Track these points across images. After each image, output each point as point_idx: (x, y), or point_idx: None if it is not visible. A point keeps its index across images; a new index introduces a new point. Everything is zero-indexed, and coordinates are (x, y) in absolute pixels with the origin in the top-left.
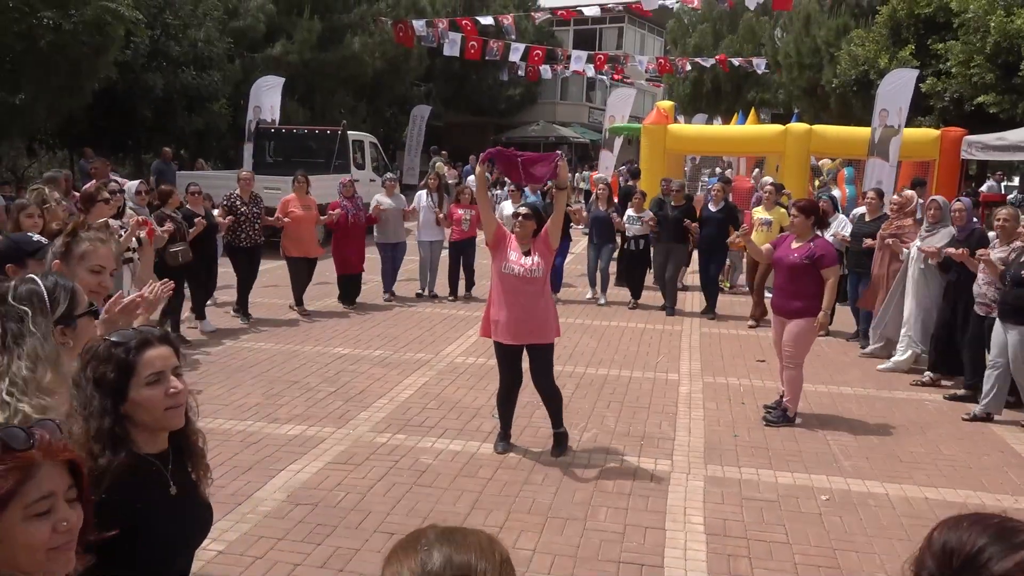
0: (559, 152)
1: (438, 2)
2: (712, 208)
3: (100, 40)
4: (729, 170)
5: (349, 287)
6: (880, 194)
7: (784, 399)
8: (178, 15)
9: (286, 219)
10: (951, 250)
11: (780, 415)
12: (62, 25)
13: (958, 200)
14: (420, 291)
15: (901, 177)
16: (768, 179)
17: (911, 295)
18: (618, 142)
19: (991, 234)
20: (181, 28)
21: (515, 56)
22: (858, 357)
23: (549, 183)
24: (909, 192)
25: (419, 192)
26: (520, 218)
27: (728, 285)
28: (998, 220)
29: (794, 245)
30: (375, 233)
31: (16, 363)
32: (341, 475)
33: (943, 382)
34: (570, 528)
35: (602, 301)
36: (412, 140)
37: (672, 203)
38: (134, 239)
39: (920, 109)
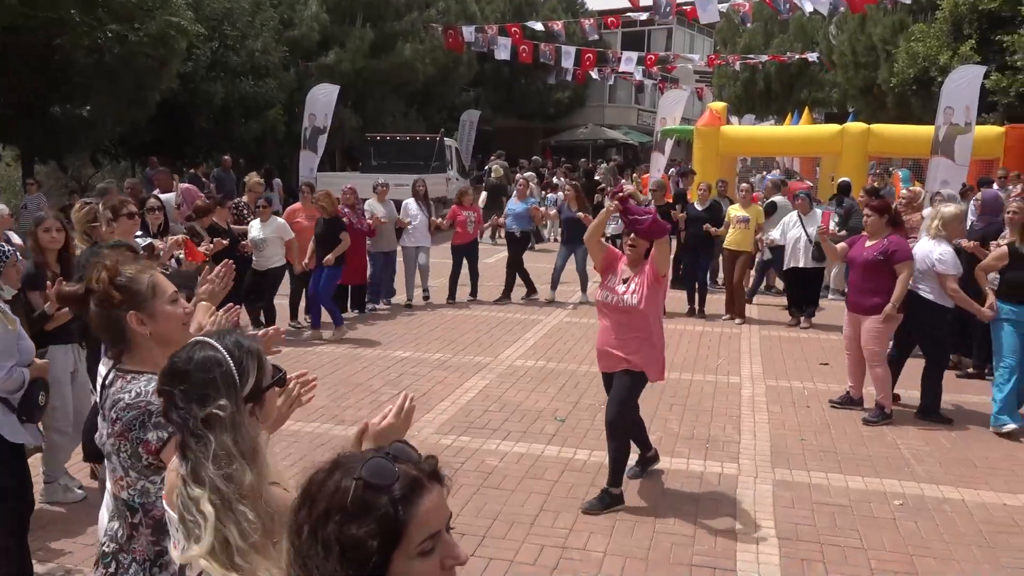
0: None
1: (487, 8)
2: (698, 207)
3: (164, 53)
4: (777, 172)
5: (353, 296)
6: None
7: (877, 397)
8: (236, 26)
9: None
10: (963, 241)
11: (878, 414)
12: (128, 38)
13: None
14: (409, 300)
15: (971, 176)
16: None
17: None
18: (669, 143)
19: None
20: (239, 39)
21: (567, 60)
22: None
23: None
24: (917, 188)
25: (407, 200)
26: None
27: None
28: (1010, 213)
29: (868, 243)
30: (368, 242)
31: (207, 468)
32: None
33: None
34: (639, 530)
35: (584, 299)
36: (462, 145)
37: (655, 204)
38: (172, 260)
39: (983, 106)
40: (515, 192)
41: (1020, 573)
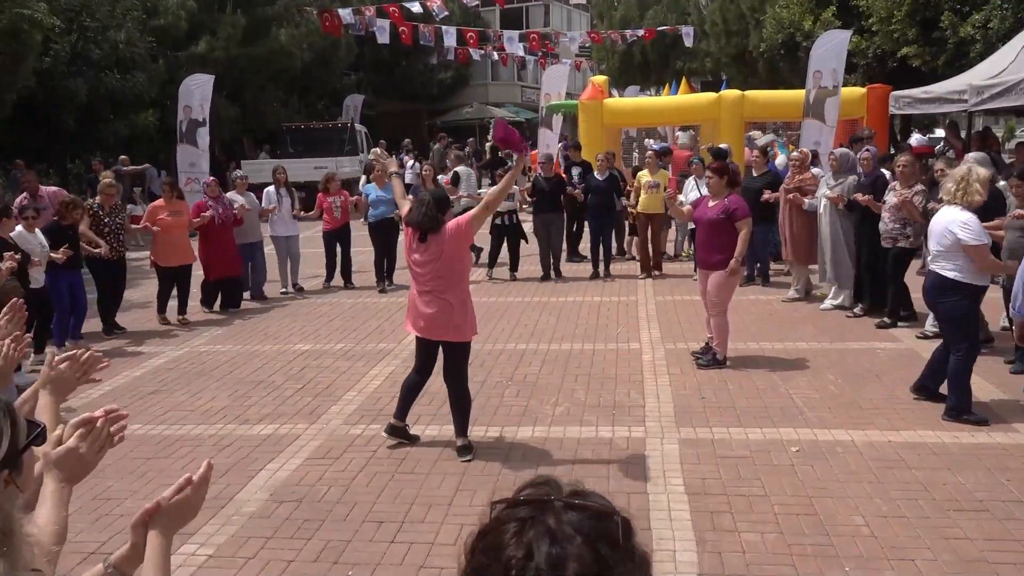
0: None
1: None
2: (599, 177)
3: (17, 48)
4: (665, 142)
5: (225, 292)
6: (764, 152)
7: (713, 344)
8: (96, 17)
9: (155, 227)
10: (858, 195)
11: (711, 359)
12: None
13: (866, 150)
14: (284, 289)
15: (838, 136)
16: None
17: (827, 240)
18: (557, 119)
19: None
20: (100, 30)
21: (449, 40)
22: (778, 303)
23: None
24: (805, 150)
25: (268, 189)
26: None
27: (686, 254)
28: (899, 166)
29: (711, 204)
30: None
31: None
32: (321, 470)
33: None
34: None
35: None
36: None
37: (544, 176)
38: None
39: (845, 67)
40: (373, 177)
41: (908, 503)
